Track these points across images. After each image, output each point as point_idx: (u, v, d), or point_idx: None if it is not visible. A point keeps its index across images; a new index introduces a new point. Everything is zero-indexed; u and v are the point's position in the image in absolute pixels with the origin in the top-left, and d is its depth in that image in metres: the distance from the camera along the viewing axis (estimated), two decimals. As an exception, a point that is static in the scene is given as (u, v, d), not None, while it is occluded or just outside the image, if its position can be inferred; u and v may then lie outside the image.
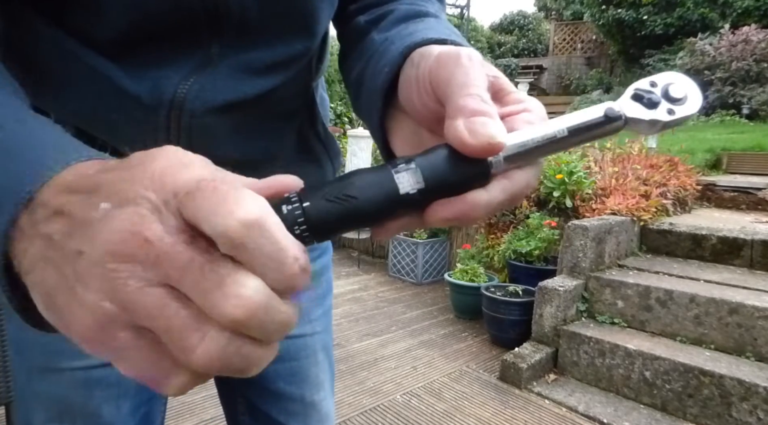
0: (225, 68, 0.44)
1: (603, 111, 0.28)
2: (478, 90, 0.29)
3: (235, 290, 0.20)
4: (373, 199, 0.25)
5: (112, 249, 0.20)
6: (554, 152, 0.28)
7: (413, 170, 0.26)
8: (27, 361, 0.55)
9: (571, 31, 12.77)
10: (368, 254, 4.92)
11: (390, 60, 0.37)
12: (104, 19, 0.40)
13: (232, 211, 0.20)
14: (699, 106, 0.29)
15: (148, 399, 0.60)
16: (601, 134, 0.28)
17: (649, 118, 0.28)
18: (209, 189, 0.21)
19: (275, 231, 0.21)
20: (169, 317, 0.20)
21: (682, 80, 0.29)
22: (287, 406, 0.67)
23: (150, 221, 0.20)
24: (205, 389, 2.22)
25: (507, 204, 0.28)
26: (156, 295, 0.20)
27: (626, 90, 0.29)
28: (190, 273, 0.20)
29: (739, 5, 8.82)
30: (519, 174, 0.28)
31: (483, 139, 0.26)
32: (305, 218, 0.24)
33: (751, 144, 4.78)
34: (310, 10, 0.46)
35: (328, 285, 0.72)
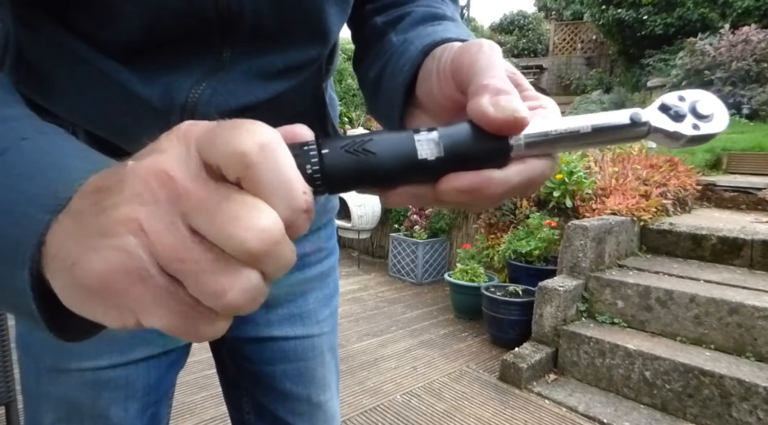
0: (237, 73, 0.44)
1: (629, 115, 0.28)
2: (501, 73, 0.29)
3: (254, 220, 0.20)
4: (391, 159, 0.25)
5: (136, 191, 0.21)
6: (574, 147, 0.28)
7: (435, 138, 0.26)
8: (36, 362, 0.56)
9: (571, 31, 12.76)
10: (368, 254, 4.92)
11: (410, 58, 0.37)
12: (116, 24, 0.40)
13: (245, 134, 0.20)
14: (725, 126, 0.29)
15: (155, 400, 0.60)
16: (624, 137, 0.28)
17: (673, 129, 0.28)
18: (226, 124, 0.21)
19: (285, 158, 0.21)
20: (197, 260, 0.20)
21: (710, 98, 0.29)
22: (294, 406, 0.67)
23: (173, 162, 0.21)
24: (205, 389, 2.23)
25: (521, 189, 0.28)
26: (182, 236, 0.20)
27: (654, 101, 0.29)
28: (207, 207, 0.20)
29: (739, 5, 8.82)
30: (536, 162, 0.28)
31: (507, 112, 0.26)
32: (321, 166, 0.24)
33: (751, 144, 4.78)
34: (322, 17, 0.46)
35: (335, 286, 0.72)
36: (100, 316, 0.22)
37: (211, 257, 0.20)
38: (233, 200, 0.20)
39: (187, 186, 0.20)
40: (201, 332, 0.22)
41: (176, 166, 0.21)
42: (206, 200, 0.20)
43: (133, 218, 0.20)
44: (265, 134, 0.21)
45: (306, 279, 0.66)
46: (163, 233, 0.20)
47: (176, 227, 0.20)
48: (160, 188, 0.20)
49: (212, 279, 0.20)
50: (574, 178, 3.08)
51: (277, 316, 0.65)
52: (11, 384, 1.00)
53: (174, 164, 0.21)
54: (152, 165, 0.21)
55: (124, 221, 0.20)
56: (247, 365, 0.67)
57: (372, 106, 0.46)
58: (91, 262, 0.21)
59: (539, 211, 3.22)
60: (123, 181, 0.21)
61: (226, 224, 0.20)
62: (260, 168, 0.20)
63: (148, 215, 0.20)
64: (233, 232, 0.20)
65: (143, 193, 0.20)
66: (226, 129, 0.21)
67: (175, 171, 0.21)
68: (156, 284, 0.21)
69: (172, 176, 0.20)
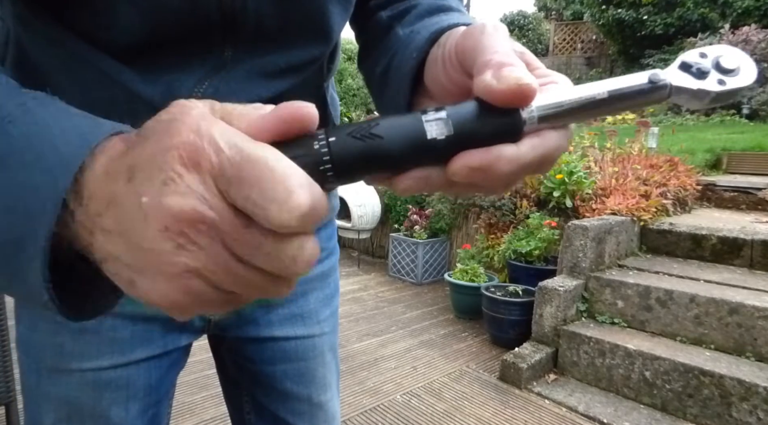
0: (240, 72, 0.44)
1: (647, 76, 0.26)
2: (505, 49, 0.28)
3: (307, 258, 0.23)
4: (400, 141, 0.24)
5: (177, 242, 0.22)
6: (591, 116, 0.27)
7: (443, 117, 0.25)
8: (37, 362, 0.56)
9: (571, 31, 12.76)
10: (368, 254, 4.92)
11: (417, 46, 0.37)
12: (117, 24, 0.40)
13: (287, 209, 0.21)
14: (754, 78, 0.27)
15: (156, 401, 0.60)
16: (643, 101, 0.27)
17: (697, 87, 0.26)
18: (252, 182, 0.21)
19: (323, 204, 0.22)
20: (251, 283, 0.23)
21: (734, 52, 0.27)
22: (294, 406, 0.67)
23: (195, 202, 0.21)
24: (205, 389, 2.22)
25: (535, 166, 0.27)
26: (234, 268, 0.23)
27: (674, 61, 0.28)
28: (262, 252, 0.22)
29: (739, 5, 8.82)
30: (551, 134, 0.27)
31: (511, 82, 0.25)
32: (330, 154, 0.23)
33: (751, 144, 4.78)
34: (325, 16, 0.46)
35: (335, 286, 0.72)
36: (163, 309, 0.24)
37: (266, 279, 0.23)
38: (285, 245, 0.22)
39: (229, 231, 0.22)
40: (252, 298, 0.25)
41: (205, 209, 0.21)
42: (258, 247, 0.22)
43: (189, 268, 0.22)
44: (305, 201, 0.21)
45: (306, 279, 0.66)
46: (222, 273, 0.23)
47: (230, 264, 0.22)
48: (200, 235, 0.22)
49: (268, 293, 0.24)
50: (574, 178, 3.08)
51: (277, 316, 0.64)
52: (11, 384, 1.00)
53: (202, 208, 0.21)
54: (180, 214, 0.21)
55: (180, 271, 0.22)
56: (247, 365, 0.67)
57: (380, 101, 0.46)
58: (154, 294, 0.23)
59: (539, 211, 3.22)
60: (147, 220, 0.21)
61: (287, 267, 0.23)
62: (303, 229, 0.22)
63: (201, 262, 0.22)
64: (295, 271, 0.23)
65: (184, 243, 0.21)
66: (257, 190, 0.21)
67: (208, 216, 0.21)
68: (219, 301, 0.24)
69: (208, 222, 0.21)
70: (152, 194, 0.21)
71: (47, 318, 0.54)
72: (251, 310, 0.63)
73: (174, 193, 0.21)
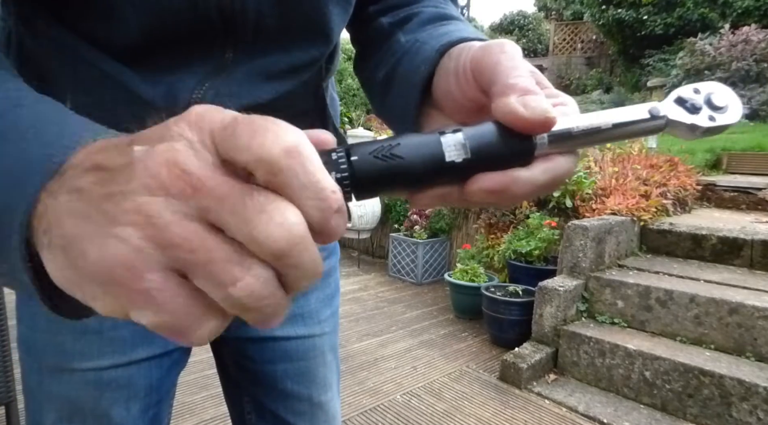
0: (240, 73, 0.45)
1: (647, 110, 0.29)
2: (526, 73, 0.29)
3: (279, 217, 0.20)
4: (419, 163, 0.25)
5: (145, 182, 0.20)
6: (595, 143, 0.29)
7: (461, 140, 0.26)
8: (38, 362, 0.56)
9: (571, 31, 12.76)
10: (368, 254, 4.92)
11: (426, 58, 0.38)
12: (117, 25, 0.40)
13: (271, 137, 0.20)
14: (739, 117, 0.29)
15: (157, 400, 0.60)
16: (643, 131, 0.29)
17: (690, 122, 0.29)
18: (246, 122, 0.20)
19: (314, 160, 0.21)
20: (210, 249, 0.20)
21: (724, 90, 0.30)
22: (295, 406, 0.67)
23: (187, 154, 0.20)
24: (205, 389, 2.23)
25: (546, 187, 0.29)
26: (195, 228, 0.20)
27: (670, 94, 0.30)
28: (229, 202, 0.20)
29: (739, 5, 8.82)
30: (561, 159, 0.29)
31: (538, 112, 0.26)
32: (351, 173, 0.24)
33: (751, 144, 4.78)
34: (324, 17, 0.46)
35: (335, 286, 0.72)
36: (89, 299, 0.21)
37: (227, 248, 0.20)
38: (256, 197, 0.20)
39: (205, 181, 0.20)
40: (190, 330, 0.21)
41: (191, 159, 0.20)
42: (227, 196, 0.20)
43: (143, 211, 0.20)
44: (291, 137, 0.20)
45: None
46: (174, 226, 0.20)
47: (189, 219, 0.20)
48: (174, 182, 0.20)
49: (224, 268, 0.20)
50: (574, 178, 3.08)
51: None
52: (11, 384, 1.00)
53: (188, 156, 0.20)
54: (165, 156, 0.20)
55: (132, 212, 0.20)
56: (248, 364, 0.67)
57: (381, 107, 0.46)
58: (91, 249, 0.20)
59: (539, 211, 3.22)
60: (130, 166, 0.20)
61: (251, 220, 0.20)
62: (288, 173, 0.20)
63: (158, 207, 0.20)
64: (258, 227, 0.20)
65: (153, 185, 0.20)
66: (247, 130, 0.20)
67: (190, 165, 0.20)
68: (155, 280, 0.20)
69: (188, 171, 0.20)
70: (147, 144, 0.21)
71: (48, 318, 0.54)
72: None
73: (167, 139, 0.21)
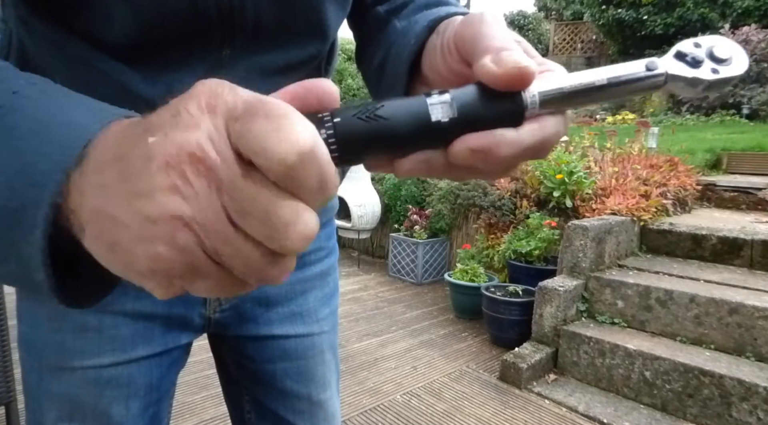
0: (238, 71, 0.45)
1: (644, 64, 0.27)
2: (504, 36, 0.29)
3: (303, 228, 0.21)
4: (404, 123, 0.25)
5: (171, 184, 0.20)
6: (591, 101, 0.28)
7: (447, 99, 0.25)
8: (38, 360, 0.56)
9: (571, 31, 12.76)
10: (368, 254, 4.92)
11: (415, 34, 0.37)
12: (115, 25, 0.40)
13: (286, 140, 0.20)
14: (745, 68, 0.28)
15: (157, 399, 0.60)
16: (640, 88, 0.28)
17: (692, 76, 0.27)
18: (260, 116, 0.20)
19: (326, 162, 0.21)
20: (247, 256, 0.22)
21: (727, 42, 0.28)
22: (294, 404, 0.67)
23: (204, 142, 0.20)
24: (205, 389, 2.23)
25: (534, 150, 0.27)
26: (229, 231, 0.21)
27: (670, 50, 0.29)
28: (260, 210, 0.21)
29: (739, 5, 8.82)
30: (549, 119, 0.28)
31: (510, 65, 0.26)
32: (335, 135, 0.24)
33: (751, 144, 4.78)
34: (321, 14, 0.46)
35: (334, 285, 0.72)
36: (147, 287, 0.23)
37: (259, 253, 0.22)
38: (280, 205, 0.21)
39: (228, 179, 0.20)
40: (243, 291, 0.24)
41: (210, 150, 0.20)
42: (253, 201, 0.21)
43: (178, 215, 0.20)
44: (305, 139, 0.20)
45: (306, 278, 0.66)
46: (212, 231, 0.21)
47: (223, 223, 0.21)
48: (198, 178, 0.20)
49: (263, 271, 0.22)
50: (574, 178, 3.08)
51: (277, 315, 0.65)
52: (11, 384, 1.00)
53: (207, 146, 0.20)
54: (183, 148, 0.20)
55: (168, 216, 0.20)
56: (247, 363, 0.67)
57: (376, 92, 0.46)
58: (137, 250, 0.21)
59: (539, 211, 3.22)
60: (150, 160, 0.20)
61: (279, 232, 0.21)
62: (301, 176, 0.21)
63: (193, 211, 0.20)
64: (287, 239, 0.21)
65: (180, 185, 0.20)
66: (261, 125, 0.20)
67: (211, 158, 0.20)
68: (207, 271, 0.22)
69: (210, 164, 0.20)
70: (161, 132, 0.21)
71: (49, 316, 0.54)
72: (251, 308, 0.63)
73: (182, 128, 0.21)
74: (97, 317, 0.54)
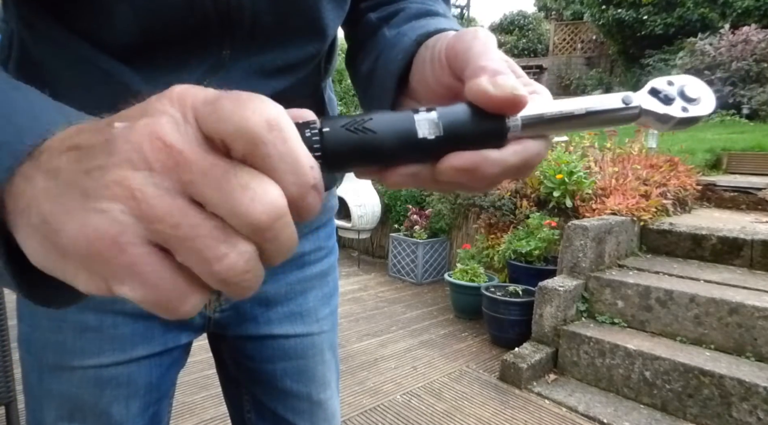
0: (238, 71, 0.45)
1: (621, 98, 0.29)
2: (497, 57, 0.30)
3: (261, 193, 0.20)
4: (391, 137, 0.26)
5: (127, 156, 0.20)
6: (568, 129, 0.29)
7: (434, 117, 0.26)
8: (38, 360, 0.56)
9: (571, 31, 12.76)
10: (368, 254, 4.92)
11: (404, 48, 0.38)
12: (115, 25, 0.40)
13: (253, 110, 0.20)
14: (711, 109, 0.30)
15: (157, 399, 0.60)
16: (616, 120, 0.29)
17: (663, 112, 0.29)
18: (228, 96, 0.21)
19: (293, 135, 0.21)
20: (193, 225, 0.20)
21: (697, 83, 0.30)
22: (294, 404, 0.68)
23: (170, 128, 0.20)
24: (205, 389, 2.23)
25: (516, 170, 0.29)
26: (178, 203, 0.20)
27: (645, 86, 0.30)
28: (213, 177, 0.20)
29: (739, 5, 8.82)
30: (532, 143, 0.29)
31: (507, 90, 0.27)
32: (321, 144, 0.24)
33: (751, 144, 4.78)
34: (319, 13, 0.47)
35: (334, 285, 0.72)
36: (70, 277, 0.21)
37: (210, 224, 0.20)
38: (239, 172, 0.20)
39: (187, 155, 0.20)
40: (173, 305, 0.21)
41: (173, 133, 0.20)
42: (209, 170, 0.20)
43: (125, 184, 0.19)
44: (272, 110, 0.21)
45: (306, 278, 0.66)
46: (157, 200, 0.20)
47: (172, 194, 0.20)
48: (156, 155, 0.20)
49: (209, 245, 0.20)
50: (574, 178, 3.08)
51: (277, 314, 0.65)
52: (11, 384, 1.00)
53: (170, 130, 0.20)
54: (147, 130, 0.20)
55: (114, 186, 0.20)
56: (247, 363, 0.67)
57: (364, 99, 0.47)
58: (69, 224, 0.20)
59: (539, 211, 3.22)
60: (111, 142, 0.20)
61: (234, 194, 0.20)
62: (268, 146, 0.20)
63: (141, 181, 0.20)
64: (241, 202, 0.20)
65: (136, 159, 0.20)
66: (229, 103, 0.20)
67: (172, 139, 0.20)
68: (138, 253, 0.20)
69: (170, 144, 0.20)
70: (127, 121, 0.21)
71: (49, 316, 0.54)
72: (251, 308, 0.64)
73: (149, 115, 0.21)
74: (97, 316, 0.54)
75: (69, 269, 0.21)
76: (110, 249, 0.20)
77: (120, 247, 0.20)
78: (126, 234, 0.20)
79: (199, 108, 0.21)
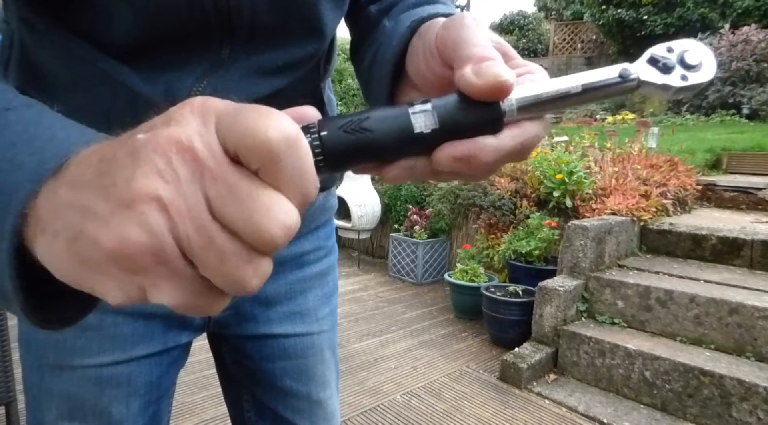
0: (237, 70, 0.45)
1: (618, 71, 0.28)
2: (484, 42, 0.29)
3: (283, 216, 0.20)
4: (388, 135, 0.26)
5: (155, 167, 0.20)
6: (567, 106, 0.29)
7: (429, 111, 0.26)
8: (39, 359, 0.56)
9: (571, 31, 12.77)
10: (368, 254, 4.92)
11: (398, 35, 0.38)
12: (115, 25, 0.40)
13: (273, 126, 0.20)
14: (713, 75, 0.29)
15: (157, 398, 0.60)
16: (614, 93, 0.29)
17: (662, 82, 0.29)
18: (248, 109, 0.21)
19: (308, 153, 0.21)
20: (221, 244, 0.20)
21: (698, 47, 0.29)
22: (294, 403, 0.68)
23: (194, 137, 0.20)
24: (205, 389, 2.23)
25: (515, 154, 0.28)
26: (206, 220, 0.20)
27: (643, 54, 0.30)
28: (237, 197, 0.20)
29: (739, 5, 8.83)
30: (529, 124, 0.28)
31: (490, 78, 0.26)
32: (321, 147, 0.25)
33: (751, 144, 4.78)
34: (318, 12, 0.47)
35: (334, 284, 0.72)
36: (99, 288, 0.21)
37: (235, 247, 0.20)
38: (261, 194, 0.20)
39: (212, 167, 0.20)
40: (207, 308, 0.22)
41: (198, 142, 0.20)
42: (234, 187, 0.20)
43: (156, 196, 0.19)
44: (291, 127, 0.21)
45: (305, 277, 0.66)
46: (188, 217, 0.20)
47: (200, 210, 0.20)
48: (183, 165, 0.20)
49: (237, 268, 0.21)
50: (574, 178, 3.08)
51: (277, 314, 0.65)
52: (11, 384, 1.00)
53: (195, 138, 0.20)
54: (171, 138, 0.20)
55: (146, 197, 0.19)
56: (247, 362, 0.67)
57: (367, 92, 0.47)
58: (103, 235, 0.20)
59: (539, 211, 3.22)
60: (136, 152, 0.20)
61: (259, 218, 0.20)
62: (285, 162, 0.20)
63: (172, 194, 0.20)
64: (266, 227, 0.20)
65: (163, 168, 0.20)
66: (249, 115, 0.20)
67: (197, 148, 0.20)
68: (175, 266, 0.20)
69: (196, 154, 0.20)
70: (151, 131, 0.21)
71: None
72: (251, 307, 0.64)
73: (173, 125, 0.21)
74: (97, 316, 0.54)
75: (99, 279, 0.21)
76: (150, 261, 0.20)
77: (161, 259, 0.20)
78: (165, 247, 0.20)
79: (221, 118, 0.21)
